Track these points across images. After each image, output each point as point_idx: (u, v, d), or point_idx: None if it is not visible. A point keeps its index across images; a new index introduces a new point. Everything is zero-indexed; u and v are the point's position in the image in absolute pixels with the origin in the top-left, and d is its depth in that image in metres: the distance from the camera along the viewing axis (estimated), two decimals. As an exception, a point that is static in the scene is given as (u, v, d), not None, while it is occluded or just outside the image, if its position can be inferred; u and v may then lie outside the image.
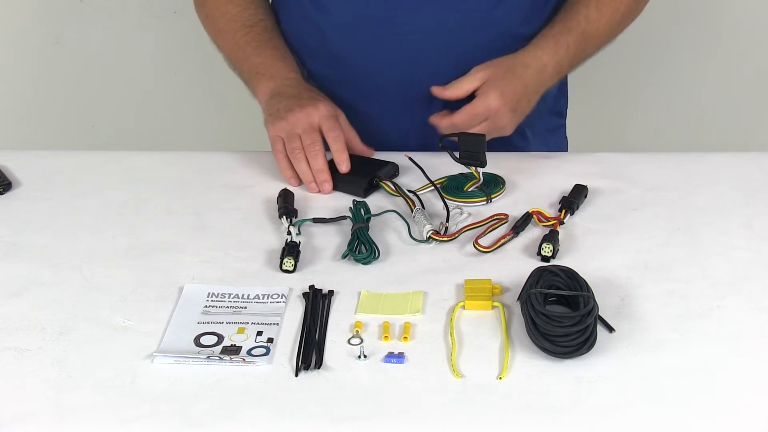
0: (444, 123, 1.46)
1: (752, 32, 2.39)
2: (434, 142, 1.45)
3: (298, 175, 1.47)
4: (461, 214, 1.38)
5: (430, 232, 1.32)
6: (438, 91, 1.47)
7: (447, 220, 1.35)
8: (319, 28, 1.57)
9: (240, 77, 1.62)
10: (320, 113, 1.47)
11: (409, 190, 1.42)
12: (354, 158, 1.47)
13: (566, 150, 1.78)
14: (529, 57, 1.48)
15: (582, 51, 1.53)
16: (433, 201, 1.42)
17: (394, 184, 1.43)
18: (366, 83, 1.56)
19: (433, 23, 1.51)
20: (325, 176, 1.45)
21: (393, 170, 1.48)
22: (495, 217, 1.36)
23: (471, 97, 1.47)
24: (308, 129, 1.46)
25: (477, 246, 1.30)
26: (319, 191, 1.46)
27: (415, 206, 1.38)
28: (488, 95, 1.44)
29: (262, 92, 1.54)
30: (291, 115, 1.47)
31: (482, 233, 1.33)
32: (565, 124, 1.79)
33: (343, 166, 1.45)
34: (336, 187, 1.46)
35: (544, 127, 1.70)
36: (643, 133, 2.52)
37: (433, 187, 1.43)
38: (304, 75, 1.58)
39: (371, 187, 1.45)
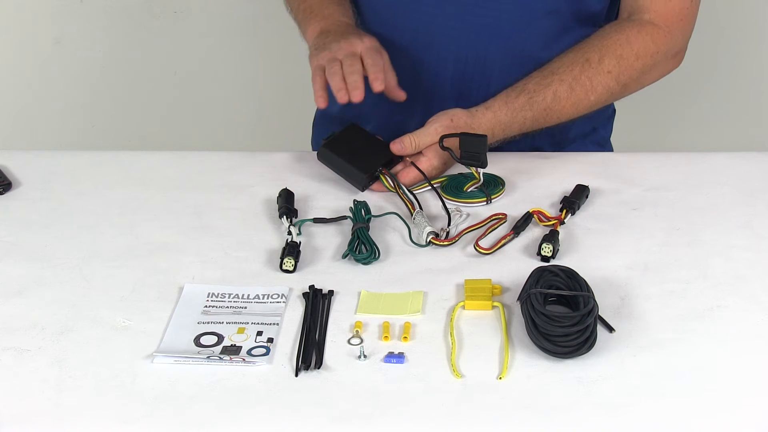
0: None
1: (752, 32, 2.39)
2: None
3: (326, 95, 1.45)
4: (461, 216, 1.38)
5: (430, 236, 1.32)
6: (396, 148, 1.45)
7: (449, 225, 1.35)
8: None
9: (295, 18, 1.64)
10: (364, 45, 1.48)
11: (408, 190, 1.42)
12: (361, 139, 1.47)
13: None
14: (484, 127, 1.46)
15: (538, 124, 1.50)
16: (433, 200, 1.42)
17: (394, 180, 1.43)
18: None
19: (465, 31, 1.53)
20: (359, 84, 1.43)
21: (397, 159, 1.46)
22: (494, 218, 1.36)
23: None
24: (349, 54, 1.46)
25: (478, 248, 1.30)
26: (349, 100, 1.43)
27: (414, 209, 1.38)
28: (436, 157, 1.45)
29: (312, 31, 1.56)
30: (335, 44, 1.48)
31: (482, 235, 1.33)
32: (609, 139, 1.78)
33: (377, 83, 1.44)
34: (336, 171, 1.45)
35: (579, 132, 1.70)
36: (643, 133, 2.52)
37: (430, 187, 1.43)
38: (358, 23, 1.60)
39: (372, 181, 1.45)
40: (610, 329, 1.15)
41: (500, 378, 1.09)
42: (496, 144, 1.50)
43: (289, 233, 1.33)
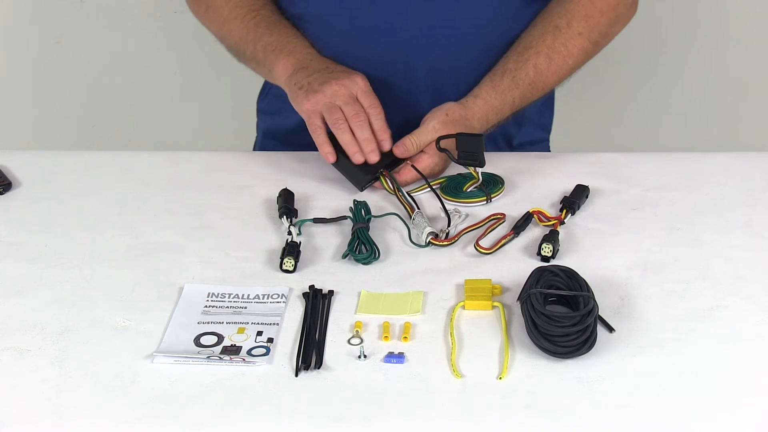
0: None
1: (752, 32, 2.39)
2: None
3: (335, 151, 1.44)
4: (460, 216, 1.38)
5: (430, 237, 1.31)
6: (399, 151, 1.45)
7: (448, 226, 1.35)
8: (298, 17, 1.57)
9: (251, 60, 1.57)
10: (359, 87, 1.45)
11: (407, 193, 1.42)
12: None
13: None
14: (477, 115, 1.48)
15: (527, 101, 1.53)
16: (432, 201, 1.42)
17: (394, 182, 1.43)
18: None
19: (414, 24, 1.52)
20: (373, 146, 1.43)
21: (398, 160, 1.46)
22: (492, 217, 1.36)
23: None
24: (349, 101, 1.44)
25: (478, 248, 1.30)
26: (365, 161, 1.43)
27: (413, 211, 1.38)
28: (434, 156, 1.45)
29: (282, 68, 1.51)
30: (327, 87, 1.44)
31: (482, 234, 1.33)
32: (548, 139, 1.78)
33: (386, 144, 1.44)
34: (338, 168, 1.45)
35: (525, 139, 1.70)
36: (643, 134, 2.52)
37: (431, 188, 1.43)
38: (319, 52, 1.56)
39: (372, 181, 1.45)
40: (610, 329, 1.15)
41: (500, 378, 1.09)
42: (492, 129, 1.51)
43: (289, 233, 1.33)
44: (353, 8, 1.52)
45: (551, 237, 1.30)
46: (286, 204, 1.39)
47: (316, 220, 1.37)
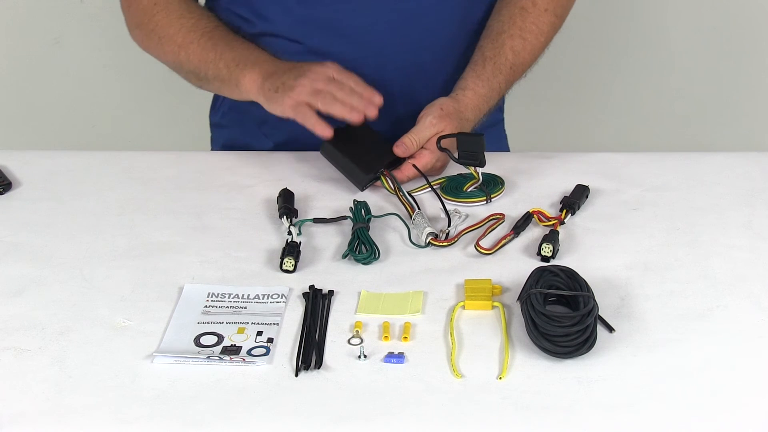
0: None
1: (752, 32, 2.39)
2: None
3: (327, 123, 1.42)
4: (460, 217, 1.38)
5: (430, 237, 1.31)
6: (399, 151, 1.44)
7: (449, 226, 1.35)
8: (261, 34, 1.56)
9: (215, 79, 1.55)
10: (333, 69, 1.45)
11: (408, 193, 1.42)
12: (369, 137, 1.46)
13: (506, 145, 1.78)
14: (470, 107, 1.49)
15: (510, 84, 1.56)
16: (432, 201, 1.42)
17: (394, 182, 1.43)
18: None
19: (380, 23, 1.53)
20: (366, 102, 1.42)
21: (399, 159, 1.46)
22: (492, 218, 1.36)
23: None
24: (328, 81, 1.43)
25: (479, 249, 1.29)
26: (365, 117, 1.42)
27: (413, 211, 1.38)
28: (434, 153, 1.45)
29: (250, 80, 1.49)
30: (303, 79, 1.43)
31: (482, 235, 1.33)
32: (503, 119, 1.78)
33: (377, 98, 1.43)
34: (338, 168, 1.45)
35: (484, 122, 1.69)
36: (643, 134, 2.52)
37: (431, 188, 1.43)
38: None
39: (372, 181, 1.45)
40: (610, 329, 1.15)
41: (500, 378, 1.09)
42: (484, 119, 1.53)
43: (290, 233, 1.33)
44: (316, 23, 1.52)
45: (551, 237, 1.30)
46: (286, 204, 1.39)
47: (317, 220, 1.37)
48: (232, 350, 1.14)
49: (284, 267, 1.27)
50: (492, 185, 1.44)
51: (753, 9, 2.37)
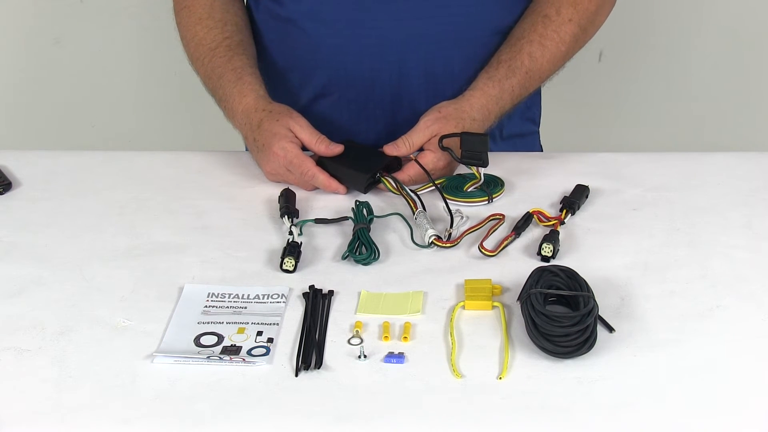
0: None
1: (753, 32, 2.39)
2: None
3: (332, 177, 1.46)
4: (462, 218, 1.38)
5: (433, 237, 1.31)
6: (390, 150, 1.46)
7: (451, 226, 1.35)
8: (288, 19, 1.58)
9: (214, 83, 1.60)
10: (286, 151, 1.44)
11: (411, 190, 1.42)
12: (356, 149, 1.47)
13: None
14: (476, 106, 1.48)
15: (526, 90, 1.54)
16: (433, 201, 1.42)
17: (396, 181, 1.43)
18: (336, 73, 1.57)
19: (406, 23, 1.52)
20: (334, 187, 1.44)
21: (396, 164, 1.47)
22: (492, 218, 1.36)
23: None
24: (288, 168, 1.45)
25: (483, 250, 1.29)
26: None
27: (416, 208, 1.38)
28: (437, 152, 1.45)
29: (245, 107, 1.52)
30: (270, 154, 1.45)
31: (485, 236, 1.33)
32: (538, 132, 1.78)
33: (341, 190, 1.45)
34: (339, 179, 1.45)
35: (514, 131, 1.70)
36: (643, 134, 2.52)
37: (433, 187, 1.43)
38: (264, 85, 1.55)
39: (373, 182, 1.45)
40: (610, 329, 1.15)
41: (500, 378, 1.09)
42: (497, 120, 1.52)
43: (291, 233, 1.33)
44: (344, 13, 1.53)
45: (551, 237, 1.30)
46: (288, 204, 1.39)
47: (318, 221, 1.37)
48: (232, 350, 1.14)
49: (284, 267, 1.27)
50: (492, 186, 1.44)
51: (753, 9, 2.37)
